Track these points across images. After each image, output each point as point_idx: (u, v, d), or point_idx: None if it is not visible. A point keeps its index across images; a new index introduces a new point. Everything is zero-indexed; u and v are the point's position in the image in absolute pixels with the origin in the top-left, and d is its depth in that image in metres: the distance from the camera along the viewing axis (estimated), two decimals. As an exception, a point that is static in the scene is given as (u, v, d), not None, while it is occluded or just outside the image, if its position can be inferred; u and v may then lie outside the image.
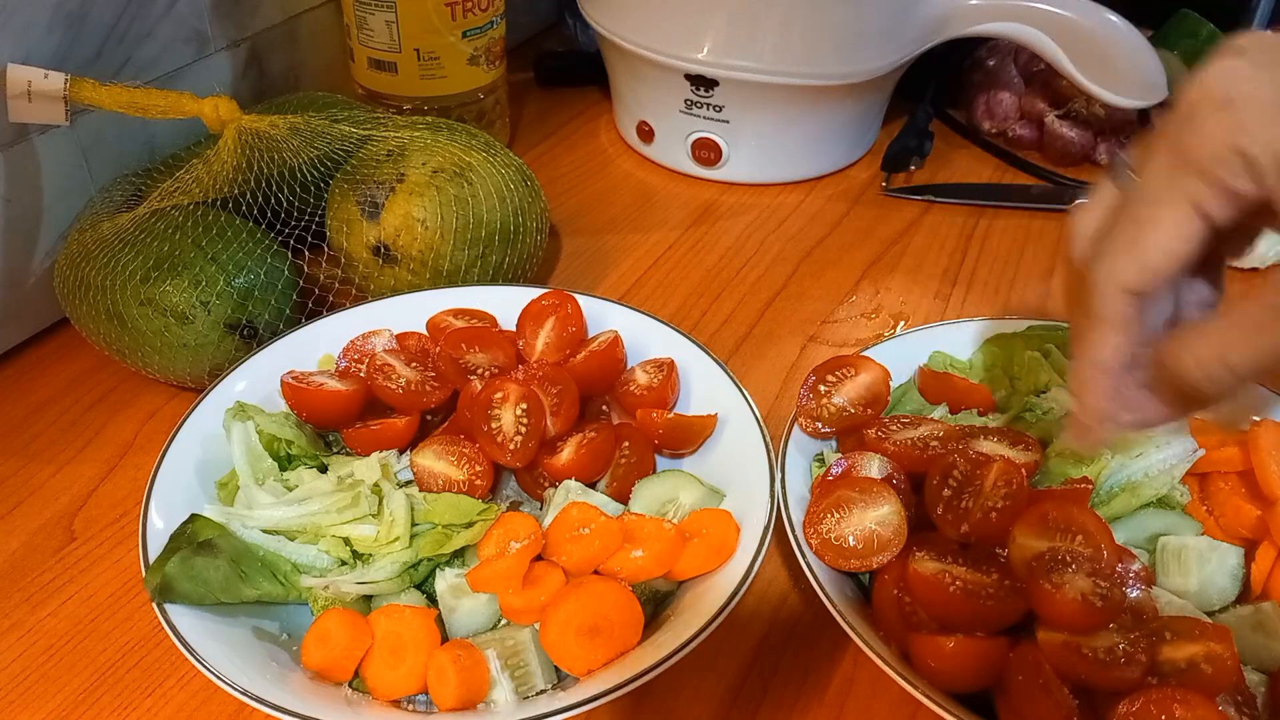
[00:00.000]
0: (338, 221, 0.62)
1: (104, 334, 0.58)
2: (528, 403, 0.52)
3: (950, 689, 0.42)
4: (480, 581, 0.45)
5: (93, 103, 0.57)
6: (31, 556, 0.53)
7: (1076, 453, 0.50)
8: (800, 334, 0.68)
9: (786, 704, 0.47)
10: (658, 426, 0.54)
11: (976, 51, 0.93)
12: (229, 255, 0.58)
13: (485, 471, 0.51)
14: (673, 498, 0.51)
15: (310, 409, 0.54)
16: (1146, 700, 0.39)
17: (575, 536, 0.47)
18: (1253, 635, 0.45)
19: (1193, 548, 0.47)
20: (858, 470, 0.49)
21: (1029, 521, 0.45)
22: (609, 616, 0.44)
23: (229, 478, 0.51)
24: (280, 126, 0.59)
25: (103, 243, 0.57)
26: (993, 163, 0.88)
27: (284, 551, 0.48)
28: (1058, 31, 0.77)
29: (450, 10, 0.73)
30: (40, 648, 0.48)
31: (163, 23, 0.66)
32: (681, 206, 0.81)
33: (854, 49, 0.76)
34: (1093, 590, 0.41)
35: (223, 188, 0.59)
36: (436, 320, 0.59)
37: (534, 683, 0.44)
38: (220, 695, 0.45)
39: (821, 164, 0.85)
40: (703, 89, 0.78)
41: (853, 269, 0.75)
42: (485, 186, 0.62)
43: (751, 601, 0.51)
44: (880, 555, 0.46)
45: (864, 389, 0.54)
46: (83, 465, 0.58)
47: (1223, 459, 0.51)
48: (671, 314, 0.69)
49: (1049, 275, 0.74)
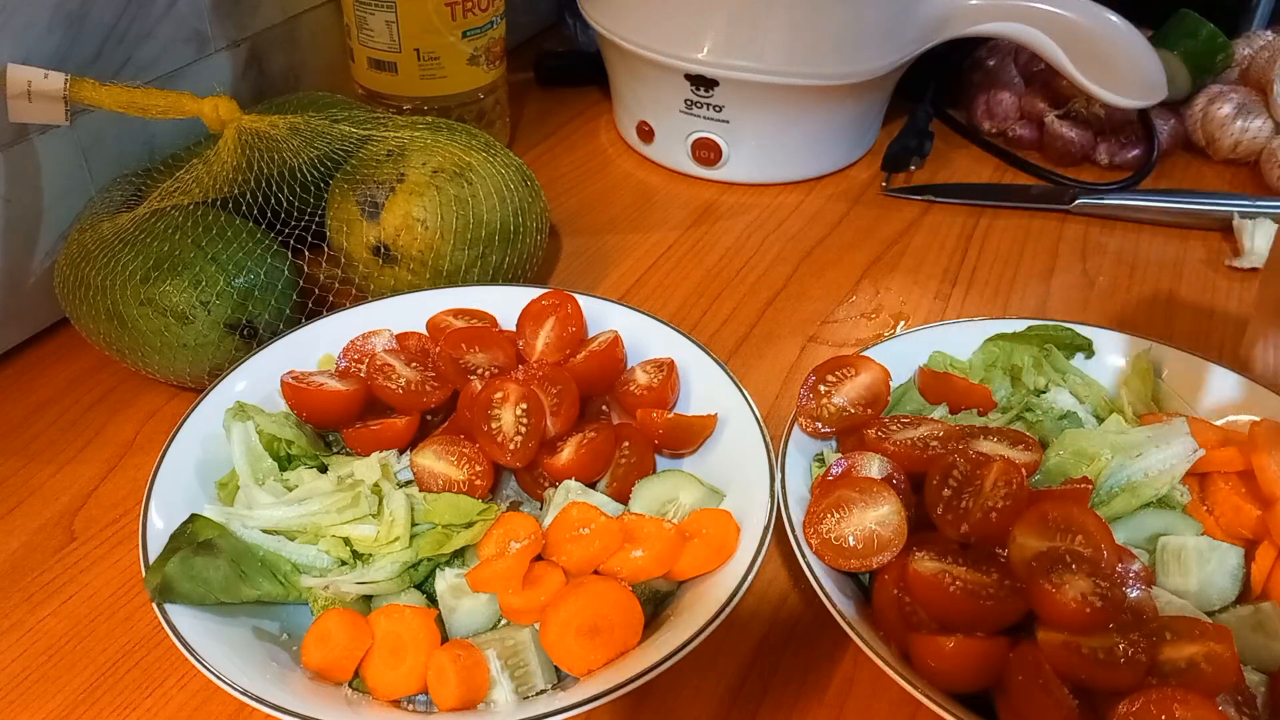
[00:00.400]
0: (338, 221, 0.62)
1: (104, 334, 0.58)
2: (528, 403, 0.52)
3: (950, 689, 0.42)
4: (480, 581, 0.45)
5: (93, 103, 0.57)
6: (31, 556, 0.53)
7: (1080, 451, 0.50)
8: (800, 334, 0.68)
9: (786, 704, 0.47)
10: (658, 426, 0.54)
11: (976, 51, 0.93)
12: (229, 255, 0.58)
13: (485, 471, 0.51)
14: (673, 498, 0.51)
15: (310, 409, 0.54)
16: (1146, 700, 0.39)
17: (575, 536, 0.47)
18: (1253, 635, 0.45)
19: (1193, 548, 0.47)
20: (858, 470, 0.49)
21: (1029, 521, 0.45)
22: (609, 616, 0.44)
23: (229, 478, 0.51)
24: (280, 126, 0.59)
25: (103, 243, 0.58)
26: (993, 163, 0.88)
27: (284, 551, 0.48)
28: (1058, 31, 0.77)
29: (450, 10, 0.73)
30: (40, 648, 0.48)
31: (163, 23, 0.66)
32: (681, 206, 0.81)
33: (854, 49, 0.76)
34: (1093, 590, 0.41)
35: (223, 188, 0.59)
36: (436, 320, 0.59)
37: (534, 683, 0.44)
38: (220, 695, 0.45)
39: (821, 164, 0.85)
40: (703, 89, 0.78)
41: (853, 269, 0.75)
42: (485, 186, 0.62)
43: (751, 601, 0.51)
44: (880, 555, 0.46)
45: (864, 389, 0.54)
46: (83, 465, 0.58)
47: (1223, 459, 0.51)
48: (671, 314, 0.69)
49: (1049, 275, 0.74)
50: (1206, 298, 0.72)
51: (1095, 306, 0.70)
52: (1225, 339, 0.68)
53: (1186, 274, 0.74)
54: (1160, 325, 0.69)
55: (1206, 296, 0.72)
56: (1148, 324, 0.69)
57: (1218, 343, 0.68)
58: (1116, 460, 0.50)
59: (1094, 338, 0.58)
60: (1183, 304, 0.71)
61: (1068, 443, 0.51)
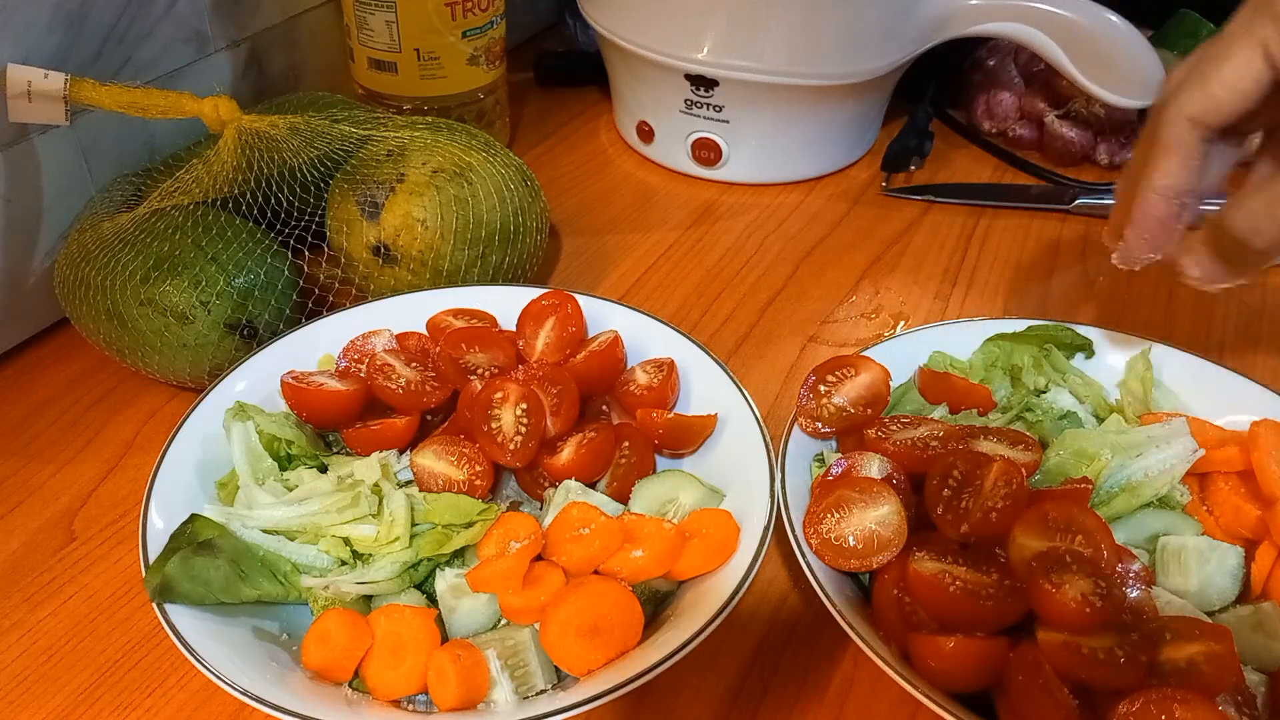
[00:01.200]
0: (338, 221, 0.62)
1: (104, 334, 0.58)
2: (528, 403, 0.52)
3: (950, 689, 0.42)
4: (480, 581, 0.45)
5: (93, 103, 0.57)
6: (31, 556, 0.53)
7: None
8: (800, 334, 0.68)
9: (786, 704, 0.47)
10: (658, 426, 0.54)
11: (976, 51, 0.93)
12: (229, 255, 0.58)
13: (485, 471, 0.51)
14: (673, 498, 0.51)
15: (310, 409, 0.54)
16: (1146, 700, 0.39)
17: (575, 536, 0.47)
18: (1253, 635, 0.45)
19: (1193, 548, 0.47)
20: (858, 470, 0.49)
21: (1029, 521, 0.45)
22: (609, 616, 0.44)
23: (229, 478, 0.51)
24: (280, 126, 0.59)
25: (103, 243, 0.57)
26: (993, 163, 0.88)
27: (284, 551, 0.48)
28: (1058, 31, 0.77)
29: (450, 10, 0.73)
30: (40, 648, 0.48)
31: (163, 23, 0.66)
32: (681, 206, 0.81)
33: (854, 49, 0.76)
34: (1093, 590, 0.41)
35: (223, 188, 0.59)
36: (436, 320, 0.59)
37: (534, 683, 0.44)
38: (220, 695, 0.45)
39: (821, 164, 0.85)
40: (703, 89, 0.78)
41: (853, 269, 0.75)
42: (485, 186, 0.62)
43: (751, 601, 0.51)
44: (880, 555, 0.46)
45: (864, 389, 0.54)
46: (83, 465, 0.58)
47: (1223, 459, 0.51)
48: (671, 314, 0.69)
49: (1049, 275, 0.74)
50: (1206, 298, 0.72)
51: (1095, 306, 0.70)
52: (1225, 339, 0.68)
53: (1186, 274, 0.74)
54: (1160, 325, 0.69)
55: (1206, 296, 0.72)
56: (1148, 324, 0.69)
57: (1218, 343, 0.68)
58: (1116, 460, 0.50)
59: (1094, 338, 0.58)
60: (1183, 304, 0.71)
61: (1068, 443, 0.51)
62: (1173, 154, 0.45)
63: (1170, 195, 0.46)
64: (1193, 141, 0.45)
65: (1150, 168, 0.46)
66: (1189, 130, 0.44)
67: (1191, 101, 0.44)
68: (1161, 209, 0.46)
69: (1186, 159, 0.45)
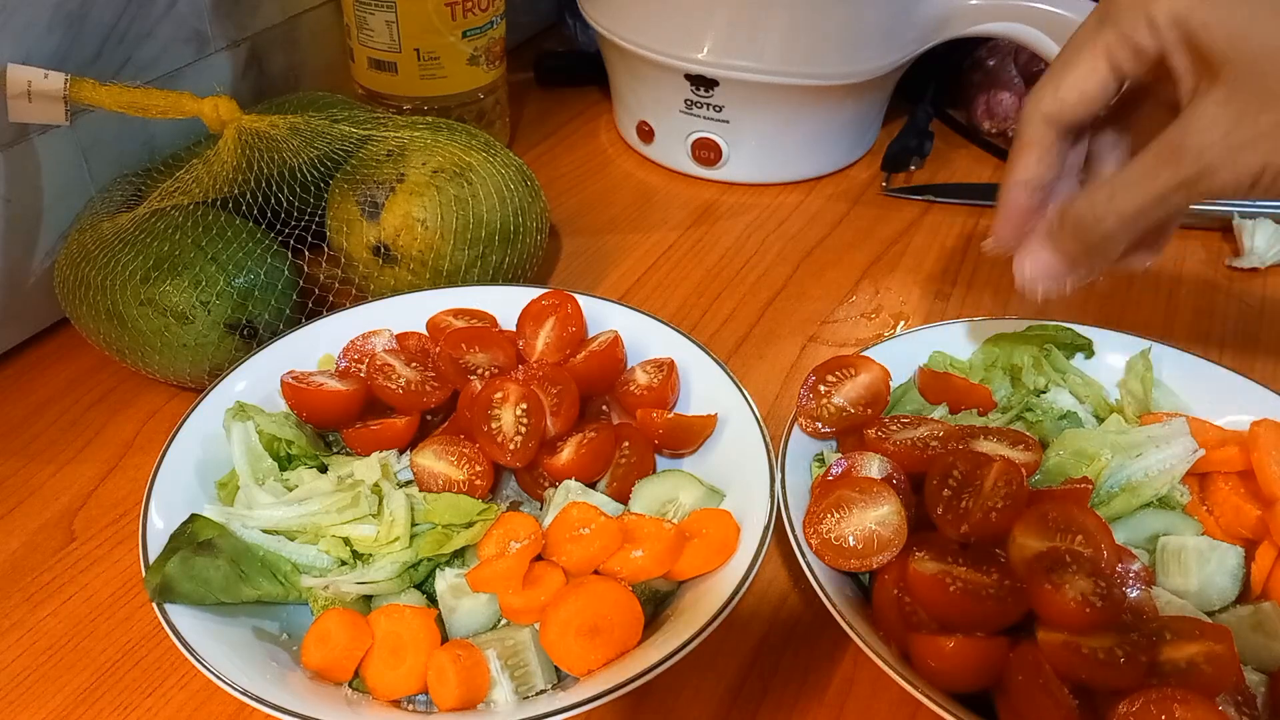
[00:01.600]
0: (338, 221, 0.62)
1: (104, 334, 0.58)
2: (528, 403, 0.52)
3: (950, 689, 0.42)
4: (480, 581, 0.45)
5: (93, 103, 0.57)
6: (31, 556, 0.53)
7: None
8: (800, 334, 0.68)
9: (786, 704, 0.47)
10: (658, 426, 0.54)
11: (976, 51, 0.92)
12: (229, 255, 0.58)
13: (485, 471, 0.51)
14: (673, 498, 0.51)
15: (310, 409, 0.54)
16: (1146, 700, 0.39)
17: (575, 536, 0.47)
18: (1253, 635, 0.45)
19: (1193, 548, 0.47)
20: (858, 470, 0.49)
21: (1029, 521, 0.45)
22: (609, 616, 0.44)
23: (229, 478, 0.51)
24: (280, 126, 0.59)
25: (103, 243, 0.57)
26: (993, 163, 0.88)
27: (284, 551, 0.48)
28: (1058, 31, 0.77)
29: (450, 10, 0.73)
30: (40, 648, 0.48)
31: (163, 23, 0.66)
32: (681, 206, 0.81)
33: (854, 49, 0.76)
34: (1093, 590, 0.41)
35: (223, 188, 0.59)
36: (436, 320, 0.59)
37: (534, 683, 0.44)
38: (220, 695, 0.45)
39: (821, 164, 0.85)
40: (703, 89, 0.78)
41: (853, 269, 0.75)
42: (485, 186, 0.62)
43: (751, 601, 0.51)
44: (880, 555, 0.46)
45: (864, 389, 0.54)
46: (83, 465, 0.58)
47: (1223, 459, 0.51)
48: (671, 314, 0.69)
49: (1049, 275, 0.74)
50: (1206, 298, 0.72)
51: (1095, 306, 0.70)
52: (1225, 339, 0.68)
53: (1186, 274, 0.74)
54: (1160, 325, 0.69)
55: (1206, 296, 0.72)
56: (1148, 324, 0.69)
57: (1218, 343, 0.68)
58: (1116, 460, 0.50)
59: (1094, 338, 0.58)
60: (1183, 304, 0.71)
61: (1068, 443, 0.51)
62: (1030, 150, 0.47)
63: (1029, 188, 0.48)
64: (1049, 139, 0.47)
65: (1011, 162, 0.48)
66: (1044, 128, 0.47)
67: (1044, 102, 0.46)
68: (1023, 200, 0.48)
69: (1043, 155, 0.47)
